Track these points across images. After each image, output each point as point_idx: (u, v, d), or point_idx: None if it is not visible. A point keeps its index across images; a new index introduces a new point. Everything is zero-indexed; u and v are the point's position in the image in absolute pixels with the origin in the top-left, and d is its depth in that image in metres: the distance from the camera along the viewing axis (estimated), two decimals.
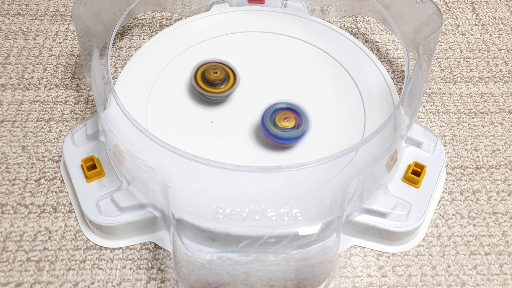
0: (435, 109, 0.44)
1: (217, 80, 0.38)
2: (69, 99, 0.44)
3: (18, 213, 0.37)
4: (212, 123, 0.38)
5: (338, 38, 0.44)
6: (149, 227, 0.35)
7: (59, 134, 0.41)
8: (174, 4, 0.49)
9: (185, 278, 0.32)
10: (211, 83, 0.38)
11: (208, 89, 0.38)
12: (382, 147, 0.34)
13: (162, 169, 0.32)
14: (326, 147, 0.37)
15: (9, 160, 0.39)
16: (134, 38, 0.49)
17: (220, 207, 0.32)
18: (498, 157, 0.41)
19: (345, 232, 0.35)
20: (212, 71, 0.38)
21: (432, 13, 0.40)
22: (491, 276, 0.34)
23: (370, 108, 0.39)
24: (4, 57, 0.47)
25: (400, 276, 0.34)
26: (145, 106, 0.39)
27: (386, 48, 0.49)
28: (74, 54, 0.47)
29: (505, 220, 0.37)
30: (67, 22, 0.50)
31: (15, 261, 0.34)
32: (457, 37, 0.50)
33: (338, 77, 0.41)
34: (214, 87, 0.38)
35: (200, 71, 0.39)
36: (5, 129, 0.41)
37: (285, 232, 0.31)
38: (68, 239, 0.35)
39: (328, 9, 0.50)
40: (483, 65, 0.47)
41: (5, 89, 0.44)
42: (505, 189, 0.39)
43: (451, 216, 0.37)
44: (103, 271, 0.34)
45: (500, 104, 0.44)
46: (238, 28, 0.45)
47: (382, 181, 0.35)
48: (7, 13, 0.51)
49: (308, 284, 0.32)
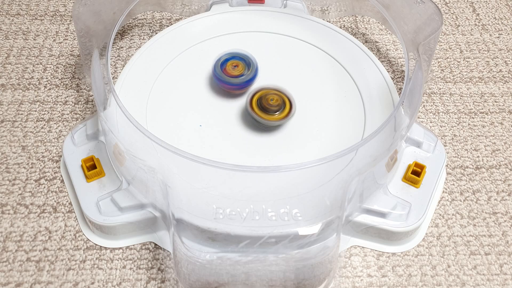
0: (435, 109, 0.44)
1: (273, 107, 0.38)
2: (69, 99, 0.44)
3: (18, 213, 0.37)
4: (211, 123, 0.38)
5: (338, 38, 0.44)
6: (149, 227, 0.35)
7: (59, 134, 0.41)
8: (174, 4, 0.49)
9: (185, 278, 0.32)
10: (267, 110, 0.37)
11: (263, 116, 0.37)
12: (382, 147, 0.34)
13: (162, 169, 0.32)
14: (326, 147, 0.37)
15: (9, 160, 0.39)
16: (134, 38, 0.49)
17: (220, 207, 0.32)
18: (498, 157, 0.41)
19: (345, 232, 0.35)
20: (269, 98, 0.38)
21: (432, 13, 0.40)
22: (491, 276, 0.34)
23: (370, 108, 0.39)
24: (4, 57, 0.47)
25: (400, 276, 0.34)
26: (145, 106, 0.39)
27: (386, 48, 0.49)
28: (74, 54, 0.47)
29: (505, 220, 0.37)
30: (67, 22, 0.50)
31: (15, 261, 0.34)
32: (457, 37, 0.50)
33: (338, 77, 0.41)
34: (269, 114, 0.37)
35: (256, 97, 0.38)
36: (5, 129, 0.41)
37: (285, 232, 0.31)
38: (68, 239, 0.35)
39: (328, 9, 0.50)
40: (483, 65, 0.47)
41: (5, 89, 0.44)
42: (505, 189, 0.39)
43: (451, 216, 0.37)
44: (103, 271, 0.34)
45: (500, 104, 0.44)
46: (238, 28, 0.45)
47: (382, 181, 0.35)
48: (7, 13, 0.51)
49: (308, 284, 0.32)
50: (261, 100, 0.38)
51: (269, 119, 0.37)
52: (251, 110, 0.37)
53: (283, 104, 0.38)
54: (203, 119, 0.38)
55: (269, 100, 0.38)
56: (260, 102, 0.38)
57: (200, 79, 0.41)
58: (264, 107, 0.37)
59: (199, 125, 0.38)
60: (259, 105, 0.38)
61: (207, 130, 0.38)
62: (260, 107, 0.38)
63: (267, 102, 0.37)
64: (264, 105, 0.37)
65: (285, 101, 0.38)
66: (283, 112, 0.38)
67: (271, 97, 0.38)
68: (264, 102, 0.38)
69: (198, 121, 0.38)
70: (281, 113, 0.38)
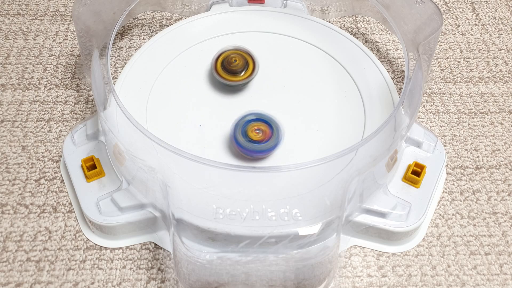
0: (435, 109, 0.44)
1: (237, 68, 0.39)
2: (69, 99, 0.44)
3: (18, 213, 0.37)
4: (211, 123, 0.38)
5: (338, 38, 0.44)
6: (149, 227, 0.35)
7: (59, 134, 0.41)
8: (174, 4, 0.49)
9: (185, 278, 0.32)
10: (232, 72, 0.39)
11: (228, 78, 0.39)
12: (382, 147, 0.34)
13: (162, 169, 0.32)
14: (326, 147, 0.37)
15: (9, 160, 0.39)
16: (134, 38, 0.49)
17: (220, 207, 0.32)
18: (498, 157, 0.41)
19: (345, 232, 0.35)
20: (232, 59, 0.40)
21: (432, 13, 0.40)
22: (491, 276, 0.34)
23: (370, 108, 0.39)
24: (4, 57, 0.47)
25: (400, 276, 0.34)
26: (145, 106, 0.39)
27: (386, 48, 0.49)
28: (74, 54, 0.47)
29: (505, 220, 0.37)
30: (67, 22, 0.50)
31: (15, 261, 0.34)
32: (457, 37, 0.50)
33: (338, 77, 0.41)
34: (234, 75, 0.39)
35: (220, 59, 0.40)
36: (5, 129, 0.41)
37: (285, 232, 0.31)
38: (68, 239, 0.35)
39: (328, 9, 0.50)
40: (483, 65, 0.47)
41: (5, 89, 0.44)
42: (505, 189, 0.39)
43: (451, 216, 0.37)
44: (103, 271, 0.34)
45: (500, 104, 0.44)
46: (238, 28, 0.45)
47: (382, 181, 0.35)
48: (7, 13, 0.51)
49: (308, 284, 0.32)
50: (224, 62, 0.40)
51: (234, 80, 0.39)
52: (216, 74, 0.39)
53: (246, 64, 0.40)
54: (203, 119, 0.38)
55: (232, 61, 0.39)
56: (223, 64, 0.40)
57: (200, 79, 0.41)
58: (228, 69, 0.39)
59: (199, 125, 0.38)
60: (223, 67, 0.39)
61: (207, 130, 0.38)
62: (224, 69, 0.39)
63: (230, 64, 0.39)
64: (227, 67, 0.39)
65: (248, 61, 0.40)
66: (247, 72, 0.39)
67: (234, 58, 0.39)
68: (227, 64, 0.39)
69: (198, 121, 0.38)
70: (245, 74, 0.39)
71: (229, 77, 0.39)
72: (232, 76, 0.39)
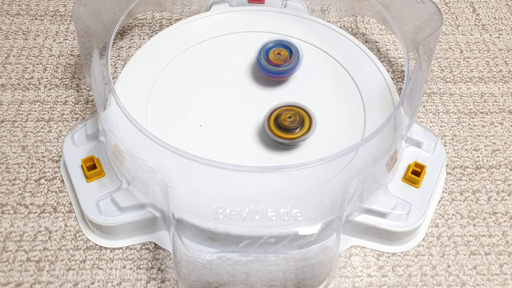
0: (435, 109, 0.44)
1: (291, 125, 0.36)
2: (69, 99, 0.44)
3: (18, 213, 0.37)
4: (212, 123, 0.38)
5: (338, 38, 0.44)
6: (149, 227, 0.35)
7: (59, 134, 0.41)
8: (174, 4, 0.49)
9: (185, 278, 0.32)
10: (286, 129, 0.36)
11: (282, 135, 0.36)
12: (382, 147, 0.34)
13: (162, 169, 0.32)
14: (326, 147, 0.37)
15: (9, 160, 0.39)
16: (134, 38, 0.49)
17: (220, 207, 0.32)
18: (498, 157, 0.41)
19: (345, 232, 0.35)
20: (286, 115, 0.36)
21: (432, 13, 0.40)
22: (491, 276, 0.34)
23: (370, 108, 0.39)
24: (4, 57, 0.47)
25: (400, 276, 0.34)
26: (145, 106, 0.39)
27: (386, 48, 0.49)
28: (74, 54, 0.47)
29: (505, 220, 0.37)
30: (67, 22, 0.50)
31: (15, 261, 0.34)
32: (457, 37, 0.50)
33: (338, 77, 0.41)
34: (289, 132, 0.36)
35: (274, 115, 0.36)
36: (5, 129, 0.41)
37: (285, 232, 0.31)
38: (68, 239, 0.35)
39: (328, 9, 0.50)
40: (483, 65, 0.47)
41: (5, 89, 0.44)
42: (505, 189, 0.39)
43: (451, 216, 0.37)
44: (103, 271, 0.34)
45: (500, 104, 0.44)
46: (238, 28, 0.45)
47: (382, 181, 0.35)
48: (7, 13, 0.51)
49: (308, 284, 0.32)
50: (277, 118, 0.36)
51: (289, 137, 0.36)
52: (269, 131, 0.36)
53: (301, 121, 0.36)
54: (203, 119, 0.38)
55: (286, 118, 0.36)
56: (276, 120, 0.36)
57: (200, 79, 0.41)
58: (282, 126, 0.36)
59: (199, 125, 0.38)
60: (276, 124, 0.36)
61: (207, 130, 0.38)
62: (277, 126, 0.36)
63: (284, 120, 0.36)
64: (281, 123, 0.36)
65: (303, 117, 0.36)
66: (303, 129, 0.36)
67: (288, 115, 0.36)
68: (281, 120, 0.36)
69: (198, 121, 0.38)
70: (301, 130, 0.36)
71: (283, 134, 0.36)
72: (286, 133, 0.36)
